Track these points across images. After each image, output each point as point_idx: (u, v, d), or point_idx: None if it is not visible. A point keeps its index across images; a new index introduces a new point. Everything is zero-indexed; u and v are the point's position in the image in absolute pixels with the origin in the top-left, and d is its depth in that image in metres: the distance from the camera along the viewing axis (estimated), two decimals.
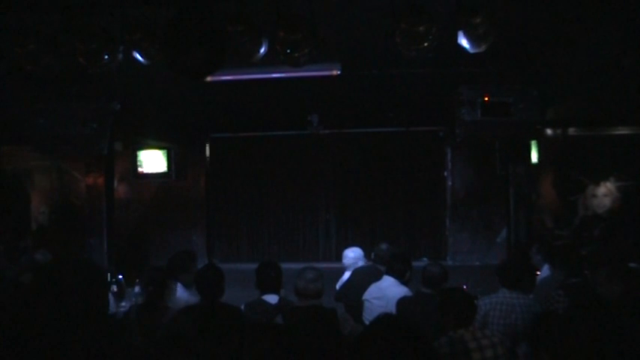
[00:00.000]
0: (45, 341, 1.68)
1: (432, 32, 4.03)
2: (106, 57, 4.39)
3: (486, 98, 5.33)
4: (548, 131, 7.80)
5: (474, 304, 3.54)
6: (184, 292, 4.33)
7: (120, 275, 5.61)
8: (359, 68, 5.99)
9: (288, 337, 2.41)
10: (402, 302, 4.42)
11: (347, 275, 5.82)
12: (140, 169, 8.56)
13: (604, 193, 6.94)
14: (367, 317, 4.75)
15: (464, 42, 4.21)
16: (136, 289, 5.26)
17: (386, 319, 2.22)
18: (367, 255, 5.96)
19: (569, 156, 8.10)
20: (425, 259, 8.30)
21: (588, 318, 3.17)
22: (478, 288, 5.04)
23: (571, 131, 8.03)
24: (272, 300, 4.09)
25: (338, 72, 5.74)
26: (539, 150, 7.78)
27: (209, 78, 4.80)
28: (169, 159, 8.49)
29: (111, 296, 4.99)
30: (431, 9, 3.97)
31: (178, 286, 4.34)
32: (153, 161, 8.53)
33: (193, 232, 9.48)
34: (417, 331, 2.02)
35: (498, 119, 5.36)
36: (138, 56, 4.44)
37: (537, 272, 5.26)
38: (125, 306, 5.12)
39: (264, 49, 4.31)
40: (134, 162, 8.54)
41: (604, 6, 4.31)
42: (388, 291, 4.74)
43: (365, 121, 8.59)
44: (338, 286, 5.77)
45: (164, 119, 7.84)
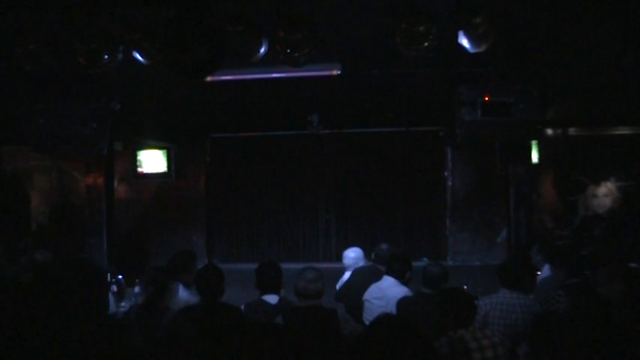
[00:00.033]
0: (45, 341, 1.68)
1: (432, 32, 4.03)
2: (106, 57, 4.38)
3: (487, 98, 5.32)
4: (548, 131, 7.79)
5: (474, 305, 3.53)
6: (185, 292, 4.33)
7: (120, 275, 5.61)
8: (359, 68, 5.99)
9: (288, 338, 2.40)
10: (403, 302, 4.42)
11: (347, 275, 5.82)
12: (140, 169, 8.55)
13: (604, 193, 6.93)
14: (367, 317, 4.74)
15: (464, 42, 4.21)
16: (136, 289, 5.25)
17: (386, 320, 2.21)
18: (367, 255, 5.95)
19: (569, 156, 8.10)
20: (425, 259, 8.28)
21: (589, 318, 3.16)
22: (478, 288, 5.03)
23: (571, 131, 8.03)
24: (272, 300, 4.08)
25: (338, 72, 5.74)
26: (539, 150, 7.77)
27: (209, 78, 4.79)
28: (169, 159, 8.49)
29: (111, 296, 4.99)
30: (431, 9, 3.97)
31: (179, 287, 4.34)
32: (153, 161, 8.53)
33: (193, 232, 9.48)
34: (418, 332, 2.02)
35: (499, 119, 5.35)
36: (138, 56, 4.43)
37: (538, 272, 5.25)
38: (125, 306, 5.11)
39: (264, 49, 4.30)
40: (134, 162, 8.53)
41: (604, 6, 4.31)
42: (388, 291, 4.74)
43: (365, 121, 8.58)
44: (338, 287, 5.76)
45: (164, 119, 7.84)
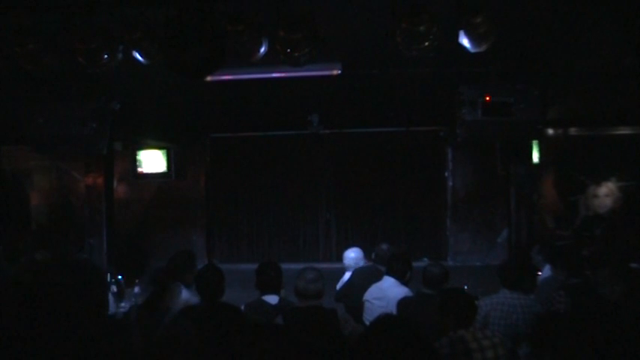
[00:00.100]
0: (44, 342, 1.67)
1: (433, 32, 4.02)
2: (106, 56, 4.38)
3: (487, 98, 5.31)
4: (549, 131, 7.77)
5: (475, 305, 3.53)
6: (185, 292, 4.32)
7: (119, 275, 5.59)
8: (359, 68, 5.98)
9: (288, 338, 2.39)
10: (403, 303, 4.41)
11: (347, 276, 5.81)
12: (140, 169, 8.53)
13: (605, 194, 6.91)
14: (368, 318, 4.73)
15: (465, 41, 4.20)
16: (136, 290, 5.24)
17: (386, 320, 2.21)
18: (367, 255, 5.94)
19: (570, 156, 8.08)
20: (425, 260, 8.26)
21: (589, 319, 3.16)
22: (479, 288, 5.02)
23: (572, 131, 8.01)
24: (272, 300, 4.08)
25: (338, 72, 5.73)
26: (540, 150, 7.75)
27: (209, 78, 4.79)
28: (169, 159, 8.47)
29: (110, 296, 4.98)
30: (431, 9, 3.96)
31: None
32: (152, 161, 8.51)
33: (193, 232, 9.47)
34: (418, 332, 2.01)
35: (499, 119, 5.34)
36: (137, 56, 4.43)
37: (538, 272, 5.25)
38: (125, 306, 5.10)
39: (264, 49, 4.30)
40: (134, 162, 8.51)
41: (605, 6, 4.30)
42: (389, 291, 4.73)
43: (365, 121, 8.57)
44: (338, 287, 5.75)
45: (164, 119, 7.83)
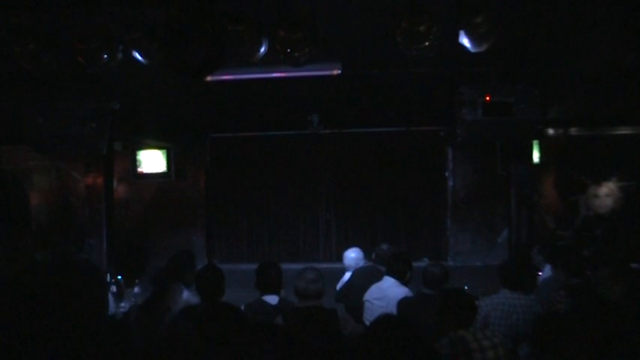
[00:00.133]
0: (44, 342, 1.67)
1: (433, 31, 4.01)
2: (106, 56, 4.36)
3: (487, 98, 5.29)
4: (549, 131, 7.76)
5: (475, 305, 3.52)
6: (185, 293, 4.31)
7: (119, 276, 5.59)
8: (359, 68, 5.96)
9: (288, 338, 2.39)
10: (403, 303, 4.41)
11: (347, 276, 5.80)
12: (140, 169, 8.54)
13: (606, 194, 6.90)
14: (368, 318, 4.73)
15: (465, 41, 4.19)
16: (136, 290, 5.24)
17: (387, 320, 2.21)
18: (368, 255, 5.94)
19: (570, 156, 8.08)
20: (426, 260, 8.27)
21: (590, 319, 3.15)
22: (479, 288, 5.01)
23: (573, 131, 8.00)
24: (272, 300, 4.08)
25: (338, 72, 5.72)
26: (540, 150, 7.74)
27: (209, 78, 4.78)
28: (169, 159, 8.47)
29: (110, 297, 4.98)
30: (431, 8, 3.95)
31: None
32: (152, 161, 8.51)
33: (193, 232, 9.48)
34: (418, 332, 2.01)
35: (500, 119, 5.32)
36: (137, 56, 4.42)
37: (539, 273, 5.24)
38: (124, 306, 5.10)
39: (264, 49, 4.29)
40: (133, 162, 8.51)
41: (606, 5, 4.29)
42: (389, 291, 4.73)
43: (365, 121, 8.57)
44: (338, 287, 5.75)
45: (164, 119, 7.82)
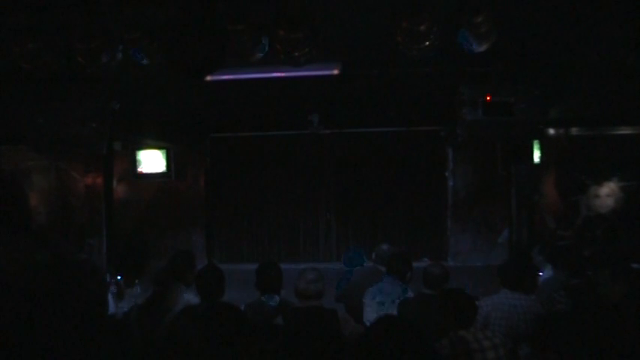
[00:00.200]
0: (44, 342, 1.66)
1: (433, 31, 4.00)
2: (106, 57, 4.36)
3: (488, 98, 5.29)
4: (550, 131, 7.74)
5: (475, 305, 3.52)
6: (185, 293, 4.31)
7: (119, 276, 5.59)
8: (359, 68, 5.96)
9: (288, 338, 2.38)
10: (403, 303, 4.41)
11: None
12: (139, 169, 8.52)
13: (607, 194, 6.88)
14: (368, 318, 4.72)
15: (464, 44, 4.18)
16: (136, 290, 5.24)
17: (387, 320, 2.20)
18: (368, 255, 5.94)
19: (571, 156, 8.06)
20: (426, 260, 8.26)
21: (590, 319, 3.14)
22: (479, 289, 5.02)
23: (573, 131, 7.98)
24: (272, 301, 4.07)
25: (338, 72, 5.72)
26: (541, 150, 7.72)
27: (209, 77, 4.78)
28: (169, 159, 8.45)
29: (110, 297, 4.98)
30: (432, 8, 3.94)
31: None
32: (152, 161, 8.50)
33: (193, 232, 9.47)
34: (418, 332, 2.00)
35: (500, 119, 5.32)
36: (137, 56, 4.41)
37: (539, 273, 5.22)
38: (124, 307, 5.10)
39: (264, 49, 4.28)
40: (133, 162, 8.50)
41: (607, 5, 4.28)
42: (389, 292, 4.71)
43: (365, 121, 8.56)
44: (338, 287, 5.74)
45: (164, 119, 7.81)
